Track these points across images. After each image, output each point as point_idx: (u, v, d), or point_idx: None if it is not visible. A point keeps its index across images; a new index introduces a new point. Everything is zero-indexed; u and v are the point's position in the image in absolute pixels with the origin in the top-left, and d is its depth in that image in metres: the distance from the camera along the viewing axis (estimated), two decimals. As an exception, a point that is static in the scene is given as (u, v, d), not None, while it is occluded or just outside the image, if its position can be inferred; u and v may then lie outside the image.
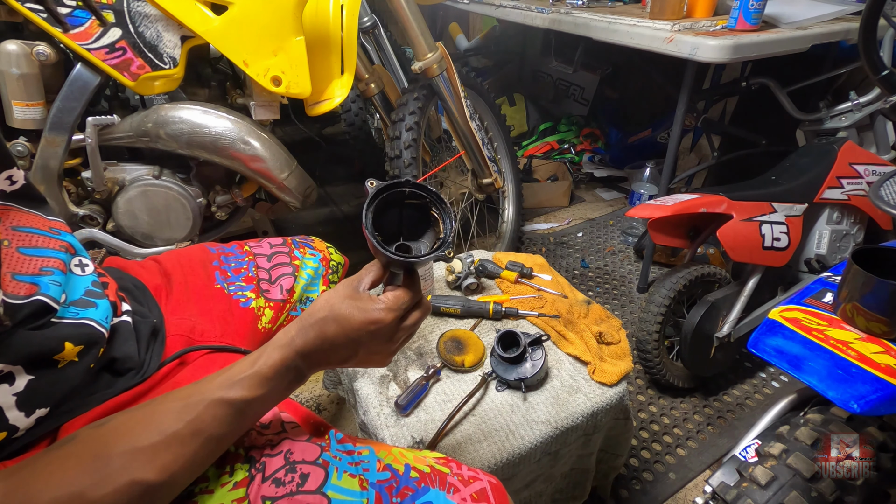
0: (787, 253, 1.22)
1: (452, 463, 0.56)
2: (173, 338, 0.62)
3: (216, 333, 0.67)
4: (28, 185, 0.53)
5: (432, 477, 0.52)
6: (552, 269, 1.11)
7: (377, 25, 1.61)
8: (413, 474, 0.51)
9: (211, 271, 0.75)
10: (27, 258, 0.47)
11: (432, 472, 0.53)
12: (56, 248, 0.51)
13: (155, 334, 0.60)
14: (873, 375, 0.58)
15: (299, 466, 0.48)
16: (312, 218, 2.21)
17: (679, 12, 1.40)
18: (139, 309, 0.61)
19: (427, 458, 0.55)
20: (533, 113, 2.81)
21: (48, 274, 0.48)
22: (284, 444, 0.50)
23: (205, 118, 1.15)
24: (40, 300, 0.46)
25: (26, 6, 0.99)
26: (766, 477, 0.63)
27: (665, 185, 1.49)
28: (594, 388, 0.83)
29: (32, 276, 0.46)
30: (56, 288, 0.48)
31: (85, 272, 0.54)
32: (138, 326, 0.58)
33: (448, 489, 0.51)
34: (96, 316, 0.51)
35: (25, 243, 0.48)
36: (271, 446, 0.50)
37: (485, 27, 2.90)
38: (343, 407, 1.32)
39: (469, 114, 1.48)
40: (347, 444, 0.53)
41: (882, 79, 0.85)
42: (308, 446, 0.50)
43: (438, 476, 0.52)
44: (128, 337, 0.55)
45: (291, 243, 0.88)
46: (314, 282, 0.86)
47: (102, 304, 0.53)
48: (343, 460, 0.50)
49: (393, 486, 0.49)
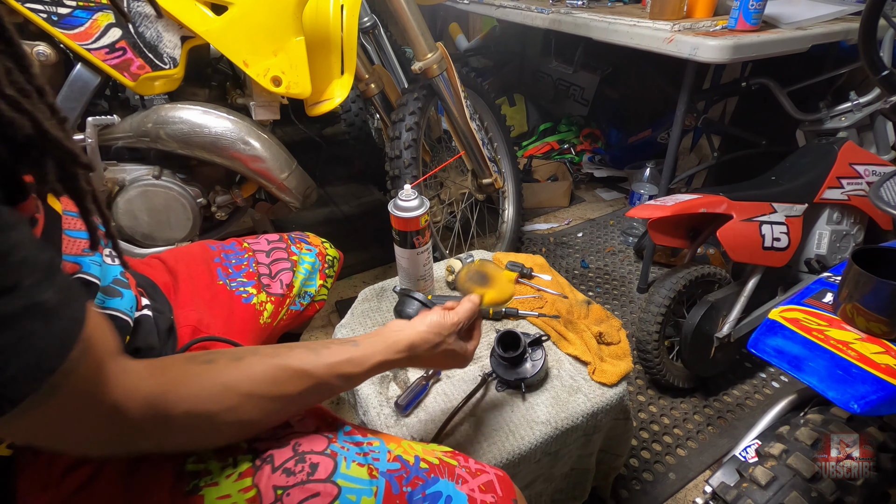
0: (787, 253, 1.22)
1: (460, 456, 0.57)
2: (183, 329, 0.64)
3: (219, 328, 0.69)
4: None
5: (441, 468, 0.53)
6: (552, 269, 1.11)
7: (377, 25, 1.61)
8: (423, 465, 0.52)
9: (213, 268, 0.76)
10: (72, 240, 0.49)
11: (441, 463, 0.54)
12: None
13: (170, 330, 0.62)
14: (873, 376, 0.58)
15: (308, 457, 0.49)
16: (312, 218, 2.21)
17: (679, 12, 1.40)
18: (156, 305, 0.62)
19: (436, 451, 0.56)
20: (533, 113, 2.81)
21: (89, 255, 0.51)
22: (291, 438, 0.51)
23: (205, 118, 1.15)
24: (83, 277, 0.49)
25: (26, 6, 0.99)
26: (767, 477, 0.63)
27: (665, 185, 1.49)
28: (594, 388, 0.83)
29: (76, 257, 0.49)
30: (97, 268, 0.51)
31: (115, 262, 0.56)
32: (157, 322, 0.60)
33: (457, 480, 0.52)
34: (122, 305, 0.53)
35: (71, 226, 0.50)
36: (276, 439, 0.50)
37: (485, 27, 2.90)
38: (343, 407, 1.32)
39: (469, 114, 1.48)
40: (356, 436, 0.54)
41: (882, 79, 0.85)
42: (315, 437, 0.51)
43: (447, 468, 0.54)
44: (150, 330, 0.57)
45: (288, 239, 0.89)
46: (311, 276, 0.88)
47: (128, 295, 0.54)
48: (351, 451, 0.51)
49: (403, 475, 0.50)
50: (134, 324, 0.54)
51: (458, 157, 1.61)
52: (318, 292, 0.89)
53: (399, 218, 0.88)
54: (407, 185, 0.90)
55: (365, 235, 2.12)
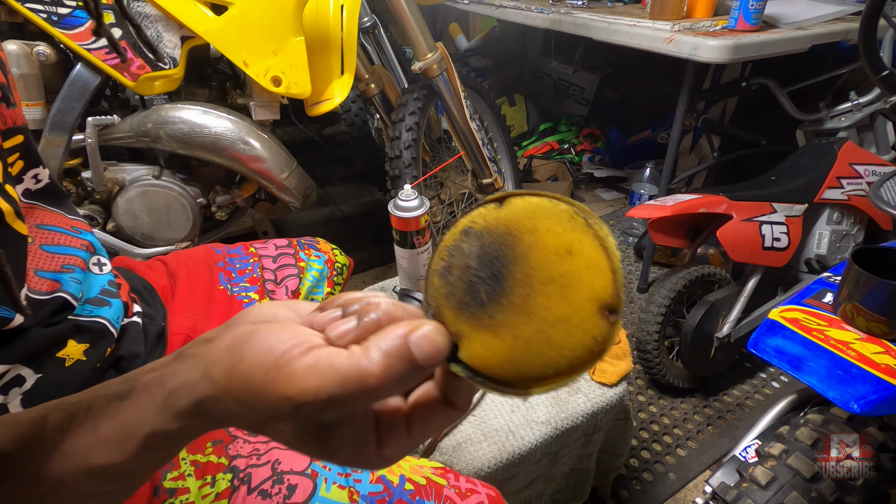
0: (787, 253, 1.22)
1: (450, 474, 0.55)
2: (174, 336, 0.62)
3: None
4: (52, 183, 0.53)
5: (428, 489, 0.51)
6: (552, 269, 1.11)
7: (377, 26, 1.61)
8: (408, 486, 0.50)
9: (215, 272, 0.75)
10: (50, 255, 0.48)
11: (428, 483, 0.52)
12: (77, 247, 0.51)
13: (161, 336, 0.60)
14: (873, 376, 0.58)
15: (287, 477, 0.47)
16: (312, 218, 2.21)
17: (679, 12, 1.40)
18: (148, 311, 0.61)
19: (424, 469, 0.54)
20: (533, 113, 2.80)
21: (69, 272, 0.48)
22: (272, 454, 0.49)
23: (205, 118, 1.15)
24: (61, 297, 0.46)
25: (26, 6, 0.99)
26: (767, 477, 0.63)
27: (665, 185, 1.49)
28: (594, 388, 0.83)
29: (54, 273, 0.47)
30: (76, 285, 0.49)
31: (102, 271, 0.55)
32: (147, 328, 0.58)
33: (444, 502, 0.51)
34: (109, 315, 0.51)
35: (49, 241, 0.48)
36: (258, 456, 0.49)
37: (485, 27, 2.90)
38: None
39: (469, 114, 1.48)
40: None
41: (882, 79, 0.85)
42: (297, 455, 0.49)
43: (434, 488, 0.52)
44: (136, 337, 0.55)
45: (297, 244, 0.87)
46: (319, 283, 0.86)
47: (116, 304, 0.53)
48: (333, 470, 0.49)
49: (385, 499, 0.49)
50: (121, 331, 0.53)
51: (458, 157, 1.61)
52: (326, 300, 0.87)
53: (399, 218, 0.88)
54: (407, 185, 0.90)
55: (365, 235, 2.12)
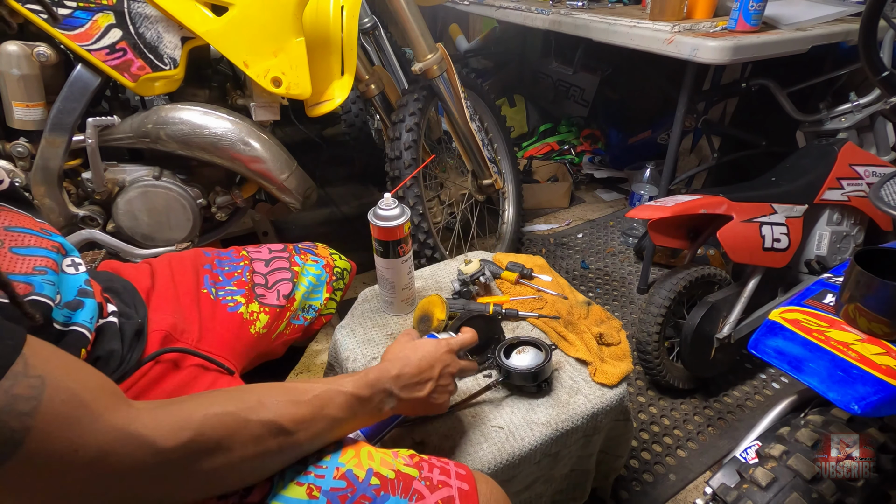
0: (787, 254, 1.22)
1: (425, 463, 0.54)
2: (153, 334, 0.61)
3: (194, 336, 0.66)
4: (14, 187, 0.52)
5: (395, 483, 0.50)
6: (552, 269, 1.11)
7: (377, 26, 1.61)
8: (374, 481, 0.50)
9: (201, 275, 0.74)
10: (20, 258, 0.46)
11: (397, 477, 0.51)
12: (48, 248, 0.50)
13: (139, 334, 0.59)
14: (874, 377, 0.58)
15: None
16: (312, 219, 2.21)
17: (679, 13, 1.40)
18: (125, 310, 0.60)
19: (397, 459, 0.54)
20: (533, 114, 2.81)
21: (41, 273, 0.47)
22: None
23: (205, 119, 1.15)
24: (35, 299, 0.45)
25: (27, 7, 0.99)
26: (767, 478, 0.63)
27: (665, 186, 1.49)
28: (594, 389, 0.83)
29: (26, 276, 0.46)
30: (50, 287, 0.48)
31: (78, 270, 0.54)
32: (123, 327, 0.57)
33: (411, 496, 0.50)
34: (82, 318, 0.51)
35: (18, 243, 0.47)
36: None
37: (485, 28, 2.90)
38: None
39: (469, 115, 1.48)
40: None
41: (882, 80, 0.85)
42: None
43: (403, 481, 0.51)
44: (112, 336, 0.55)
45: (292, 249, 0.86)
46: (316, 289, 0.84)
47: (89, 304, 0.52)
48: (291, 467, 0.49)
49: (347, 495, 0.48)
50: (97, 332, 0.52)
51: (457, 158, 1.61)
52: (325, 306, 0.85)
53: (381, 227, 0.85)
54: (387, 194, 0.86)
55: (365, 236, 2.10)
